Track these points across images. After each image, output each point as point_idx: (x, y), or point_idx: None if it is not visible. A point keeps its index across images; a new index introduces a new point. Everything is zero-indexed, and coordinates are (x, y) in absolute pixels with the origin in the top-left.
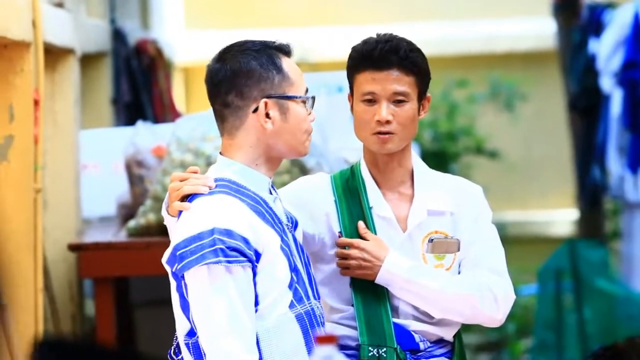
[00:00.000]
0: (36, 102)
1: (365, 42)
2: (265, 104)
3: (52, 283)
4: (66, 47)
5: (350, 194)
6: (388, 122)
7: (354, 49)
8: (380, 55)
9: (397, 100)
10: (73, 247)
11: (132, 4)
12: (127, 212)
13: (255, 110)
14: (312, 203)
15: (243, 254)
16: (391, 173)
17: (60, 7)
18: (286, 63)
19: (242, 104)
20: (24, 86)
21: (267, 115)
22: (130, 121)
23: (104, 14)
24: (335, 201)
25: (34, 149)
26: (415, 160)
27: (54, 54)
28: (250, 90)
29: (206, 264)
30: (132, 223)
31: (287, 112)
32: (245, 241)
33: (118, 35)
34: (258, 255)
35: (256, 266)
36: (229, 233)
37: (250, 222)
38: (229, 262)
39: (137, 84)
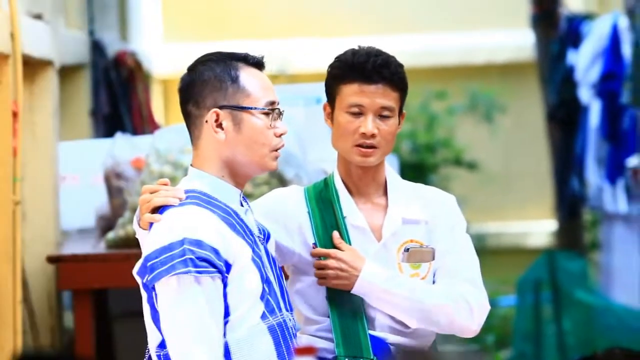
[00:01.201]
0: (14, 114)
1: (354, 54)
2: (217, 114)
3: (31, 295)
4: (45, 58)
5: (323, 204)
6: (373, 135)
7: (340, 59)
8: (372, 68)
9: (383, 115)
10: (52, 259)
11: (110, 15)
12: (106, 223)
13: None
14: (286, 215)
15: (213, 265)
16: (365, 186)
17: (39, 18)
18: (246, 74)
19: (198, 114)
20: (2, 98)
21: (220, 126)
22: (109, 133)
23: (83, 26)
24: (308, 212)
25: (12, 161)
26: (388, 171)
27: (32, 66)
28: (204, 100)
29: (176, 274)
30: (111, 235)
31: (240, 123)
32: (215, 252)
33: (97, 47)
34: (228, 266)
35: (226, 277)
36: (198, 243)
37: (220, 232)
38: (198, 272)
39: (115, 95)
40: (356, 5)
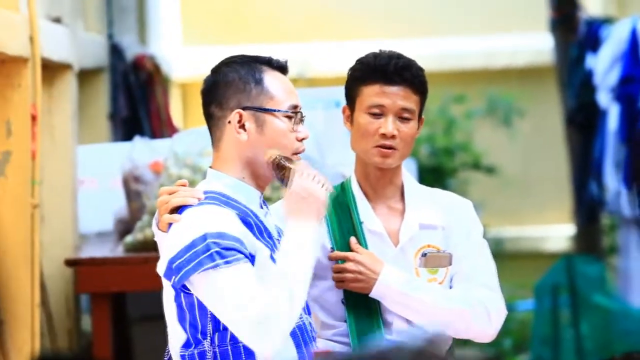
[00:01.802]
0: (33, 118)
1: (376, 56)
2: (240, 115)
3: (49, 298)
4: (64, 62)
5: (340, 209)
6: (393, 136)
7: (362, 61)
8: (394, 70)
9: (403, 117)
10: (70, 263)
11: (129, 19)
12: (125, 227)
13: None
14: None
15: (240, 252)
16: (382, 189)
17: (58, 22)
18: (270, 77)
19: (220, 115)
20: (21, 101)
21: (243, 127)
22: (127, 136)
23: (102, 29)
24: (325, 217)
25: (31, 164)
26: (405, 175)
27: (51, 69)
28: (228, 101)
29: (204, 270)
30: (129, 238)
31: (263, 124)
32: (240, 242)
33: (115, 51)
34: (252, 257)
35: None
36: (221, 235)
37: (240, 232)
38: (227, 262)
39: (134, 99)
40: (376, 8)
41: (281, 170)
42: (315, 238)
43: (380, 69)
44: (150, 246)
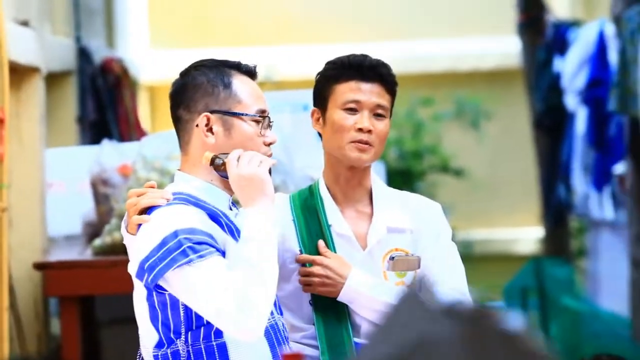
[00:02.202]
0: (1, 121)
1: (350, 56)
2: (208, 118)
3: (18, 302)
4: (31, 65)
5: (308, 212)
6: (369, 131)
7: (334, 61)
8: (369, 66)
9: (378, 113)
10: (38, 266)
11: (97, 22)
12: (93, 230)
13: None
14: None
15: (212, 246)
16: (352, 190)
17: (25, 25)
18: (239, 81)
19: (188, 118)
20: None
21: (211, 130)
22: (95, 140)
23: (69, 32)
24: (293, 220)
25: None
26: (373, 178)
27: (19, 73)
28: (196, 104)
29: (178, 266)
30: (97, 241)
31: (231, 128)
32: (211, 237)
33: (83, 54)
34: (223, 253)
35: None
36: (192, 231)
37: (210, 228)
38: (200, 256)
39: (102, 102)
40: (343, 12)
41: (220, 167)
42: (272, 217)
43: (356, 66)
44: (118, 249)
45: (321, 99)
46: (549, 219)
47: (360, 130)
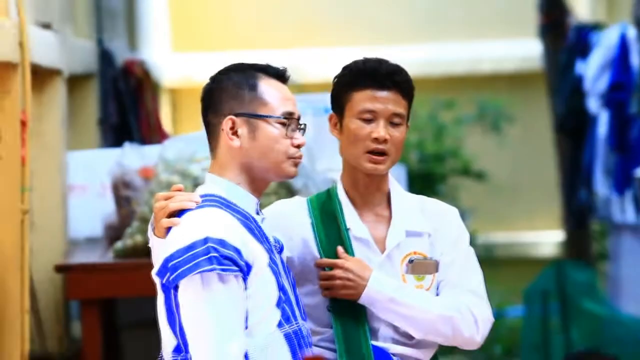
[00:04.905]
0: (23, 124)
1: (365, 61)
2: (232, 121)
3: (39, 304)
4: (53, 68)
5: (327, 216)
6: (385, 141)
7: (350, 67)
8: (385, 74)
9: (394, 122)
10: (60, 268)
11: (119, 24)
12: (114, 233)
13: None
14: (289, 227)
15: (236, 264)
16: (370, 195)
17: (48, 28)
18: (265, 84)
19: (215, 122)
20: (11, 107)
21: (236, 134)
22: (117, 142)
23: (91, 35)
24: (312, 224)
25: (21, 170)
26: (391, 182)
27: (41, 75)
28: (222, 107)
29: (200, 271)
30: (118, 244)
31: (256, 130)
32: (238, 252)
33: (105, 56)
34: (249, 267)
35: (247, 279)
36: (222, 243)
37: (241, 234)
38: (223, 270)
39: (124, 105)
40: (366, 14)
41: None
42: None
43: (371, 73)
44: (140, 252)
45: (338, 105)
46: (570, 222)
47: (376, 139)
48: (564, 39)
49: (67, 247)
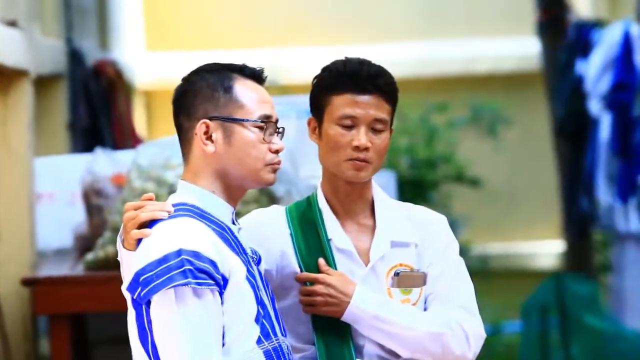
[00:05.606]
0: None
1: (345, 63)
2: (207, 125)
3: (5, 320)
4: (19, 68)
5: (307, 226)
6: (367, 148)
7: (330, 69)
8: (366, 77)
9: (376, 128)
10: (27, 282)
11: (89, 22)
12: (85, 244)
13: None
14: (267, 238)
15: (212, 277)
16: (352, 204)
17: (13, 26)
18: (241, 85)
19: (189, 126)
20: None
21: (210, 138)
22: (88, 147)
23: (60, 34)
24: (291, 234)
25: None
26: (375, 189)
27: (6, 76)
28: (196, 110)
29: (174, 285)
30: (90, 256)
31: (231, 135)
32: (214, 264)
33: (75, 56)
34: (225, 281)
35: (223, 293)
36: (196, 255)
37: (216, 246)
38: (198, 284)
39: (95, 107)
40: (352, 13)
41: None
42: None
43: (351, 77)
44: (112, 264)
45: (317, 109)
46: (571, 232)
47: (357, 147)
48: (563, 36)
49: (35, 259)
